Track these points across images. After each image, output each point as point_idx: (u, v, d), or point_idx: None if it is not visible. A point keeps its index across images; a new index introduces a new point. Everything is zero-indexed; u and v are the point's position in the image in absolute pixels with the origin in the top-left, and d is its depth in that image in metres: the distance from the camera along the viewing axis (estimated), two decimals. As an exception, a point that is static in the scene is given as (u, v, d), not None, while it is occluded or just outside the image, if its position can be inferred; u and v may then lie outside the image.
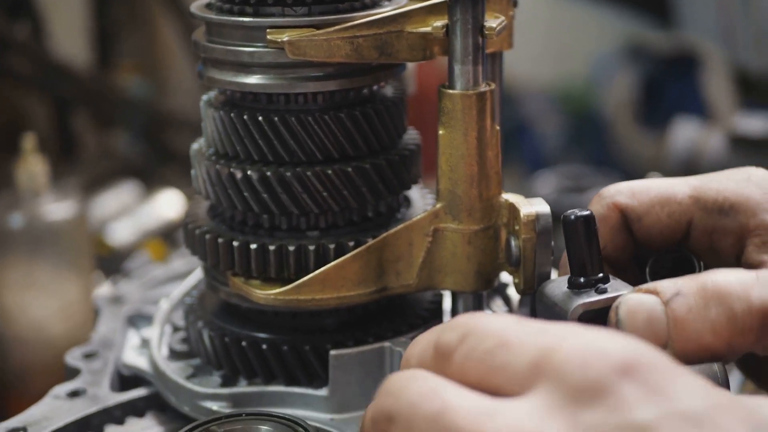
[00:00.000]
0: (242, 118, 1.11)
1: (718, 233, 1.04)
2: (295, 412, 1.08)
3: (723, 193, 1.04)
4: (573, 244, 1.00)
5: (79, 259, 2.24)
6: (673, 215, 1.05)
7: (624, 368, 0.72)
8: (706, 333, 0.90)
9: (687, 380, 0.73)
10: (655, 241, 1.06)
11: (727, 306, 0.89)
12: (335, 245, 1.11)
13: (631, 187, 1.07)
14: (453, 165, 1.08)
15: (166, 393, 1.17)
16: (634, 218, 1.06)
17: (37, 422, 1.13)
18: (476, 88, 1.07)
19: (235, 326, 1.16)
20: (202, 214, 1.19)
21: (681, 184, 1.06)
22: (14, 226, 2.17)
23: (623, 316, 0.92)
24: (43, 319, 2.17)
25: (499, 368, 0.76)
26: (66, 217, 2.20)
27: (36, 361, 2.16)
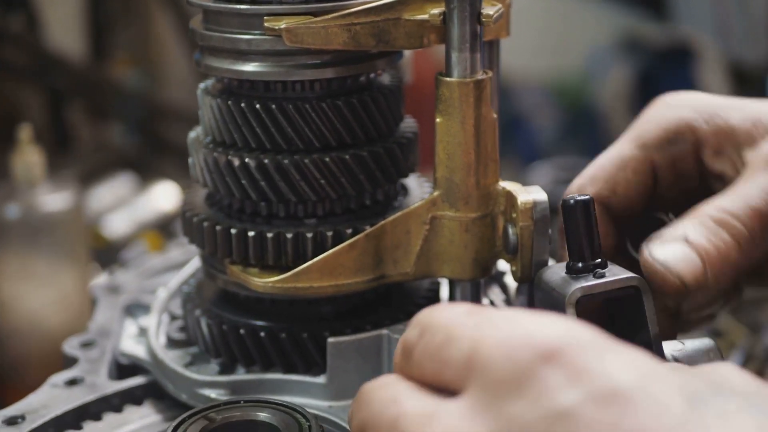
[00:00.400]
0: (240, 106, 1.11)
1: (678, 162, 1.11)
2: (294, 400, 1.08)
3: (660, 126, 1.11)
4: (572, 229, 1.01)
5: (75, 250, 2.24)
6: (637, 170, 1.11)
7: (546, 354, 0.70)
8: (730, 251, 0.99)
9: (617, 356, 0.70)
10: (635, 203, 1.12)
11: (730, 225, 1.00)
12: (333, 233, 1.11)
13: (587, 174, 1.14)
14: (450, 153, 1.09)
15: (164, 381, 1.17)
16: (609, 196, 1.11)
17: (35, 410, 1.13)
18: (473, 76, 1.07)
19: (233, 314, 1.16)
20: (199, 203, 1.19)
21: (624, 143, 1.13)
22: (10, 217, 2.17)
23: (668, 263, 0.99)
24: (39, 310, 2.17)
25: (445, 364, 0.76)
26: (62, 207, 2.20)
27: (33, 352, 2.15)
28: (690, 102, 1.13)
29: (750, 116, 1.09)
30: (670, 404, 0.66)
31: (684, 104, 1.12)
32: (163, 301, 1.28)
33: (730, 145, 1.09)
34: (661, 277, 0.99)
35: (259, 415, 1.04)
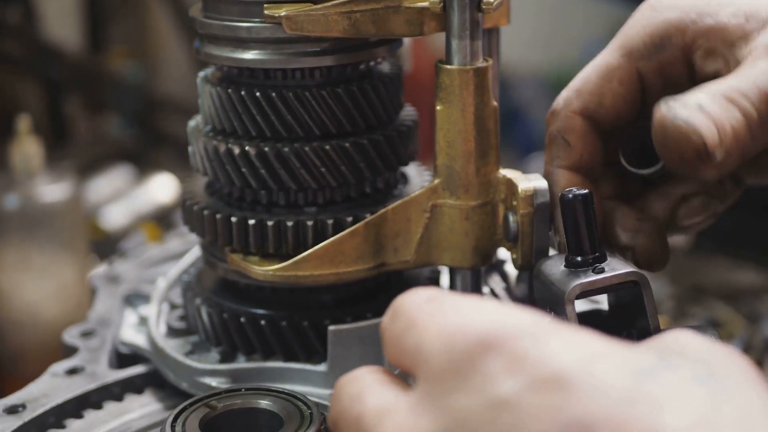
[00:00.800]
0: (240, 94, 1.10)
1: (667, 68, 1.07)
2: (294, 388, 1.08)
3: (646, 32, 1.07)
4: (570, 223, 1.00)
5: (74, 241, 2.24)
6: (623, 80, 1.08)
7: (485, 342, 0.67)
8: (739, 126, 0.94)
9: (559, 340, 0.67)
10: (623, 115, 1.09)
11: (738, 103, 0.95)
12: (333, 221, 1.11)
13: (572, 87, 1.10)
14: (450, 141, 1.09)
15: (164, 370, 1.17)
16: (596, 109, 1.08)
17: (36, 399, 1.13)
18: (474, 63, 1.07)
19: (234, 303, 1.16)
20: (199, 191, 1.19)
21: (609, 53, 1.09)
22: (9, 208, 2.17)
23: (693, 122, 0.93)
24: (38, 301, 2.17)
25: (403, 352, 0.74)
26: (61, 198, 2.20)
27: (31, 344, 2.15)
28: (677, 3, 1.07)
29: (742, 11, 1.03)
30: (614, 383, 0.63)
31: (671, 6, 1.07)
32: (162, 291, 1.28)
33: (722, 43, 1.04)
34: (684, 136, 0.93)
35: (261, 402, 1.04)
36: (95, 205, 2.63)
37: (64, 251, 2.20)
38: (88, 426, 1.11)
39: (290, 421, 1.01)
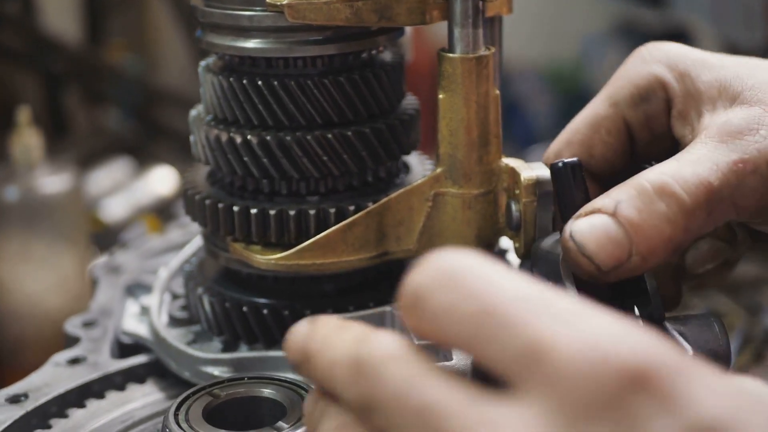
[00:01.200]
0: (241, 83, 1.10)
1: (652, 120, 1.07)
2: (297, 377, 1.08)
3: (633, 83, 1.07)
4: (563, 192, 1.01)
5: (74, 232, 2.24)
6: (611, 131, 1.08)
7: (635, 377, 0.61)
8: (664, 225, 0.91)
9: (706, 381, 0.63)
10: (614, 163, 1.09)
11: (670, 194, 0.92)
12: (336, 210, 1.11)
13: (562, 139, 1.11)
14: (453, 129, 1.09)
15: (166, 359, 1.17)
16: (587, 159, 1.08)
17: (38, 389, 1.12)
18: (476, 52, 1.07)
19: (236, 292, 1.16)
20: (201, 181, 1.19)
21: (598, 103, 1.09)
22: (9, 199, 2.17)
23: (582, 239, 0.92)
24: (38, 292, 2.16)
25: (483, 341, 0.65)
26: (61, 190, 2.20)
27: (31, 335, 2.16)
28: (665, 56, 1.06)
29: (720, 79, 1.01)
30: None
31: (658, 59, 1.06)
32: (164, 281, 1.28)
33: (694, 110, 1.02)
34: (573, 257, 0.92)
35: (264, 391, 1.04)
36: (95, 198, 2.63)
37: (64, 243, 2.20)
38: (90, 415, 1.11)
39: (293, 410, 1.01)
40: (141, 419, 1.11)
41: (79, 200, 2.29)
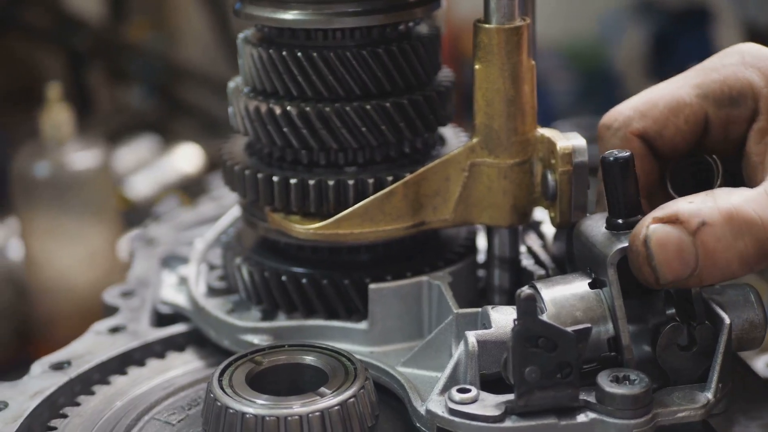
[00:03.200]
0: (281, 55, 1.11)
1: (732, 124, 1.06)
2: (336, 345, 1.10)
3: (727, 83, 1.05)
4: (611, 185, 1.01)
5: (103, 208, 2.25)
6: (689, 120, 1.07)
7: None
8: (734, 262, 0.92)
9: None
10: (679, 148, 1.08)
11: (754, 235, 0.92)
12: (374, 180, 1.12)
13: (636, 107, 1.08)
14: (489, 99, 1.09)
15: (205, 328, 1.18)
16: (655, 137, 1.07)
17: (81, 356, 1.14)
18: (512, 22, 1.08)
19: (275, 261, 1.18)
20: (239, 152, 1.20)
21: (684, 87, 1.07)
22: (40, 175, 2.18)
23: (655, 249, 0.92)
24: (68, 267, 2.18)
25: None
26: (91, 166, 2.21)
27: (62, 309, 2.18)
28: (764, 64, 1.04)
29: None
30: None
31: (758, 66, 1.04)
32: (201, 252, 1.29)
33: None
34: (638, 263, 0.95)
35: (305, 358, 1.05)
36: (120, 175, 2.65)
37: (93, 218, 2.22)
38: (132, 382, 1.13)
39: (335, 377, 1.02)
40: (182, 386, 1.13)
41: (108, 176, 2.31)
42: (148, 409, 1.09)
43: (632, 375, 0.94)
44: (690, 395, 0.95)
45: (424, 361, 1.09)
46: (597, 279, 1.02)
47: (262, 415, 0.95)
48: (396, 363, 1.10)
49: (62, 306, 2.17)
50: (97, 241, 2.20)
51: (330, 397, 0.98)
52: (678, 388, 0.96)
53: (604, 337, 0.99)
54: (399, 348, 1.12)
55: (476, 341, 0.99)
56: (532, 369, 0.93)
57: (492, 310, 1.03)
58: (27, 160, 2.21)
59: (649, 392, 0.93)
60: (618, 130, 1.08)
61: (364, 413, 0.99)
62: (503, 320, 1.02)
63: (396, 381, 1.07)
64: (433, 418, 0.96)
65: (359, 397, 0.99)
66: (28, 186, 2.18)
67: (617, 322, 0.99)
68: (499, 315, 1.02)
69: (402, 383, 1.06)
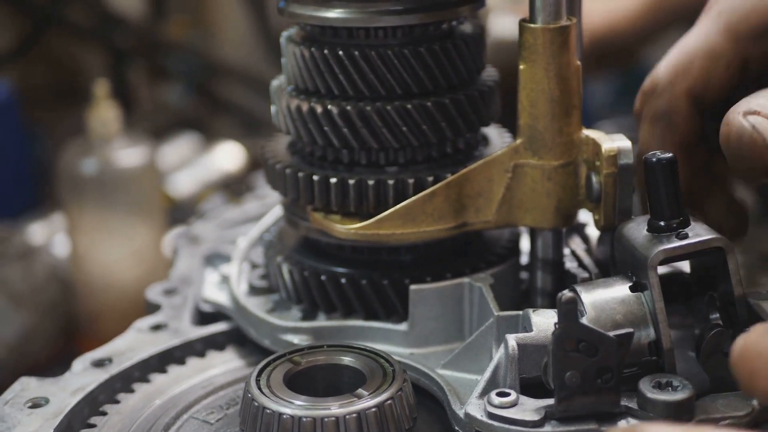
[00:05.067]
0: (323, 53, 1.11)
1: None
2: (374, 347, 1.09)
3: (754, 14, 1.04)
4: (653, 187, 0.99)
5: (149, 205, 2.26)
6: (730, 65, 1.06)
7: None
8: None
9: None
10: (724, 93, 1.07)
11: None
12: (414, 180, 1.11)
13: (675, 68, 1.07)
14: (533, 100, 1.08)
15: (246, 327, 1.18)
16: (700, 92, 1.06)
17: (122, 353, 1.15)
18: (558, 22, 1.06)
19: (315, 261, 1.17)
20: (281, 150, 1.20)
21: (714, 33, 1.05)
22: (87, 172, 2.20)
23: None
24: (114, 264, 2.20)
25: None
26: (137, 163, 2.22)
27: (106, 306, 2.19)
28: None
29: None
30: None
31: None
32: (243, 250, 1.30)
33: None
34: (758, 148, 0.93)
35: (343, 359, 1.05)
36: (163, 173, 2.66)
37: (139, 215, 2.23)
38: (172, 381, 1.13)
39: (373, 378, 1.01)
40: (221, 385, 1.13)
41: (154, 173, 2.32)
42: (187, 407, 1.09)
43: (675, 381, 0.93)
44: (735, 403, 0.93)
45: (463, 364, 1.08)
46: (638, 282, 1.00)
47: (299, 416, 0.95)
48: (435, 365, 1.09)
49: (107, 302, 2.19)
50: (142, 239, 2.21)
51: (367, 398, 0.98)
52: (722, 395, 0.94)
53: (644, 342, 0.98)
54: (439, 350, 1.11)
55: (516, 344, 0.98)
56: (573, 374, 0.92)
57: (533, 313, 1.02)
58: (74, 157, 2.22)
59: (692, 399, 0.92)
60: (662, 94, 1.07)
61: (401, 415, 0.98)
62: (544, 323, 1.01)
63: (435, 383, 1.06)
64: (471, 422, 0.95)
65: (397, 399, 0.98)
66: (75, 183, 2.20)
67: (658, 326, 0.97)
68: (540, 318, 1.02)
69: (441, 385, 1.05)
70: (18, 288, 2.13)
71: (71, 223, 2.26)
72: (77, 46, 3.18)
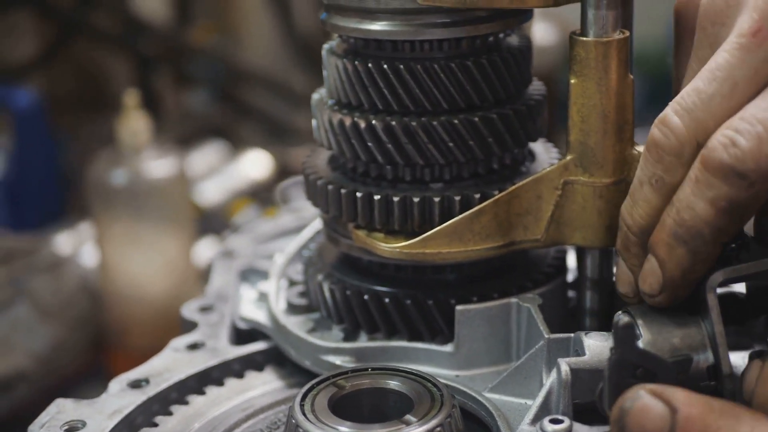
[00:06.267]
0: (366, 66, 1.08)
1: None
2: (419, 368, 1.06)
3: None
4: None
5: (179, 216, 2.24)
6: None
7: None
8: None
9: None
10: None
11: None
12: (461, 197, 1.08)
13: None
14: (585, 115, 1.05)
15: (286, 347, 1.15)
16: None
17: (159, 374, 1.12)
18: (610, 35, 1.03)
19: (356, 279, 1.14)
20: (322, 165, 1.17)
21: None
22: (117, 183, 2.18)
23: None
24: (143, 276, 2.17)
25: None
26: (167, 174, 2.20)
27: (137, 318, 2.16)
28: None
29: None
30: None
31: None
32: (281, 267, 1.26)
33: None
34: None
35: (389, 383, 1.02)
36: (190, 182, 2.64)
37: (169, 226, 2.20)
38: (210, 403, 1.10)
39: (421, 403, 0.98)
40: (261, 408, 1.10)
41: (184, 184, 2.29)
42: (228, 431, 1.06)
43: None
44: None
45: (512, 388, 1.05)
46: (695, 304, 0.97)
47: (346, 444, 0.92)
48: (483, 388, 1.06)
49: (137, 314, 2.16)
50: (172, 250, 2.19)
51: (416, 425, 0.95)
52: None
53: (703, 366, 0.95)
54: (485, 372, 1.08)
55: (570, 369, 0.95)
56: None
57: (585, 336, 0.99)
58: (104, 168, 2.20)
59: None
60: None
61: (451, 443, 0.95)
62: (597, 347, 0.98)
63: (483, 408, 1.03)
64: (525, 451, 0.92)
65: (446, 426, 0.95)
66: (105, 194, 2.18)
67: (717, 350, 0.93)
68: (593, 341, 0.99)
69: (490, 410, 1.02)
70: (47, 300, 2.11)
71: (100, 234, 2.24)
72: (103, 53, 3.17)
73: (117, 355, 2.10)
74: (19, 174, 2.64)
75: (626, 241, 0.99)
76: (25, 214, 2.61)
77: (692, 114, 0.91)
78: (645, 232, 0.96)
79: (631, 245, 0.99)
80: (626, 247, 0.99)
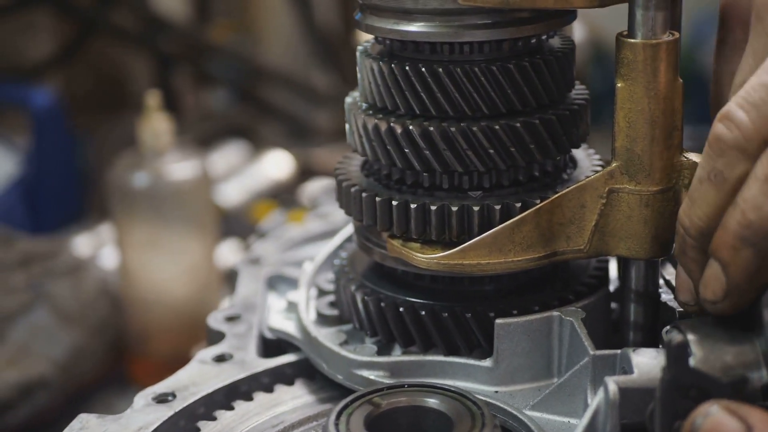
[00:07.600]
0: (404, 69, 1.03)
1: None
2: (456, 384, 1.02)
3: None
4: None
5: (201, 218, 2.20)
6: None
7: None
8: None
9: None
10: None
11: None
12: (501, 206, 1.03)
13: None
14: (632, 121, 1.00)
15: (317, 360, 1.11)
16: None
17: (185, 387, 1.08)
18: (659, 37, 0.98)
19: (390, 291, 1.10)
20: (354, 171, 1.13)
21: None
22: (138, 186, 2.13)
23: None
24: (165, 279, 2.13)
25: None
26: (189, 177, 2.16)
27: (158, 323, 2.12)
28: None
29: None
30: None
31: None
32: (310, 275, 1.22)
33: None
34: None
35: (428, 401, 0.97)
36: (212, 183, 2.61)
37: (191, 229, 2.16)
38: (239, 418, 1.06)
39: (461, 422, 0.94)
40: (292, 424, 1.06)
41: (207, 187, 2.25)
42: (258, 449, 1.02)
43: None
44: None
45: (555, 405, 1.00)
46: (749, 319, 0.93)
47: (386, 467, 0.87)
48: (524, 405, 1.01)
49: (158, 319, 2.11)
50: (195, 253, 2.14)
51: (456, 446, 0.90)
52: None
53: (757, 385, 0.90)
54: (526, 388, 1.04)
55: (618, 389, 0.91)
56: (682, 423, 0.84)
57: (633, 353, 0.94)
58: (125, 170, 2.16)
59: None
60: None
61: (494, 466, 0.90)
62: (646, 365, 0.93)
63: (525, 426, 0.99)
64: (572, 475, 0.88)
65: (488, 447, 0.91)
66: (126, 197, 2.14)
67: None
68: (641, 359, 0.94)
69: (532, 429, 0.97)
70: (66, 305, 2.08)
71: (121, 237, 2.21)
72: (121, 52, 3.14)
73: (138, 361, 2.06)
74: (37, 174, 2.61)
75: (684, 245, 0.94)
76: (43, 215, 2.58)
77: (760, 110, 0.87)
78: (704, 235, 0.92)
79: (689, 249, 0.94)
80: (684, 252, 0.94)
